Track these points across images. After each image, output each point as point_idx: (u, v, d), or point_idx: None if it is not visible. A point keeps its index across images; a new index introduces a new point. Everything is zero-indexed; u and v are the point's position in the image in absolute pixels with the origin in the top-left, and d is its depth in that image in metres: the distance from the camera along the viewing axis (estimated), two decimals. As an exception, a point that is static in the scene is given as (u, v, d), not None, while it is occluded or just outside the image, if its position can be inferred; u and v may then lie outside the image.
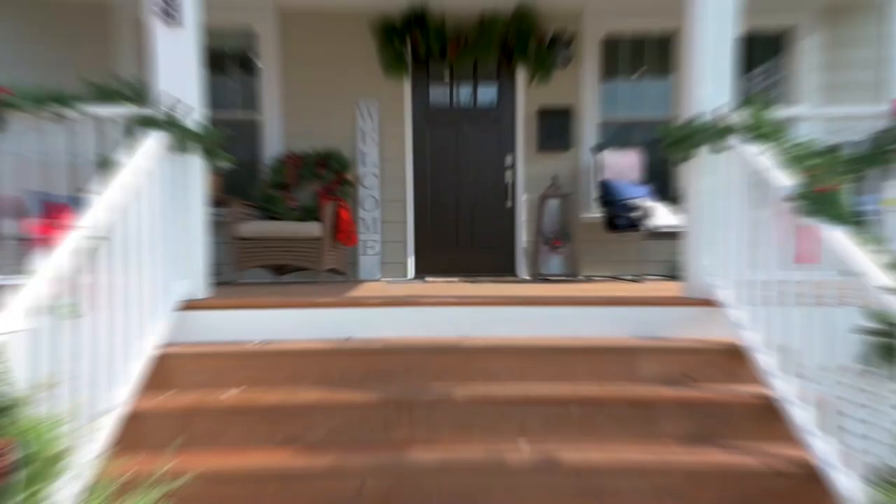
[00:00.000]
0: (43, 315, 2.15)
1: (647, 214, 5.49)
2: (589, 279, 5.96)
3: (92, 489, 2.13)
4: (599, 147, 6.23)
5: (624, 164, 6.00)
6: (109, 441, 2.54)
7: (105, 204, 2.67)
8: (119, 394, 2.70)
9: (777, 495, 2.61)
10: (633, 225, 5.61)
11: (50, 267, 2.25)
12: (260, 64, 6.26)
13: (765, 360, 3.02)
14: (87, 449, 2.34)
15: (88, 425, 2.37)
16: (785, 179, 2.88)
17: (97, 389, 2.52)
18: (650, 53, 6.50)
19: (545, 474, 2.71)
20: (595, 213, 6.19)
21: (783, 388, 2.85)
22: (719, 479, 2.67)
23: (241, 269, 5.44)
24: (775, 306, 2.96)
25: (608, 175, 5.99)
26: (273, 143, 6.18)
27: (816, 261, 2.71)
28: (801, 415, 2.69)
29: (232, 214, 5.46)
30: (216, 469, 2.62)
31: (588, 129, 6.37)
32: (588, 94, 6.36)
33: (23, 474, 1.52)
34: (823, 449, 2.53)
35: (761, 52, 6.44)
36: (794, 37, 6.29)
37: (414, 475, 2.72)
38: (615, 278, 6.01)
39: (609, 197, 5.85)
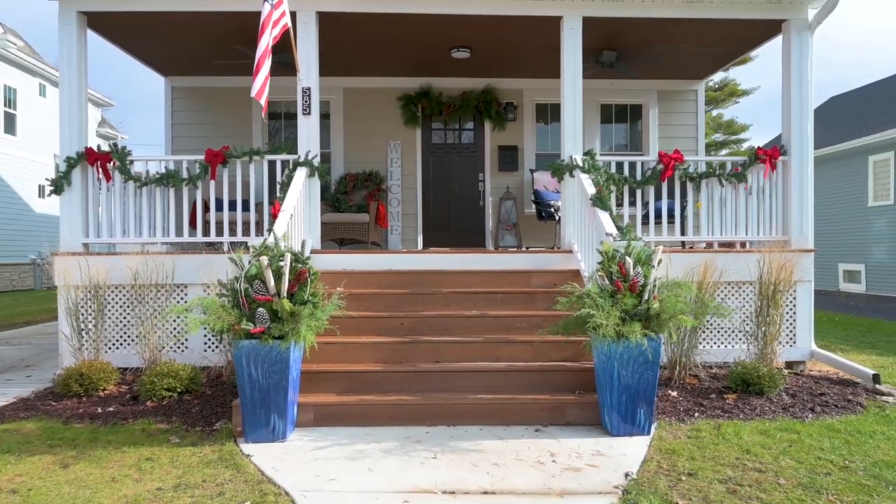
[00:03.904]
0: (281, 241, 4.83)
1: (559, 210, 8.17)
2: (528, 249, 8.65)
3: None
4: (534, 170, 8.95)
5: (547, 180, 8.68)
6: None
7: (289, 200, 5.37)
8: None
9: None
10: (552, 216, 8.29)
11: (278, 224, 4.95)
12: (330, 118, 8.97)
13: (586, 276, 5.72)
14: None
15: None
16: (591, 189, 5.58)
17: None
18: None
19: (482, 319, 5.41)
20: (531, 209, 8.89)
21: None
22: (558, 319, 5.36)
23: (322, 241, 8.12)
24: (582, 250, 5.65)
25: (538, 186, 8.68)
26: (338, 167, 8.90)
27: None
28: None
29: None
30: (342, 315, 5.30)
31: (528, 158, 9.10)
32: (528, 137, 9.10)
33: (311, 279, 4.20)
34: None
35: (629, 115, 9.19)
36: (645, 108, 9.05)
37: (425, 319, 5.41)
38: (547, 247, 8.69)
39: (538, 200, 8.54)
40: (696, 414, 4.70)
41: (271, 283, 4.09)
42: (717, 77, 27.57)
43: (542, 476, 3.53)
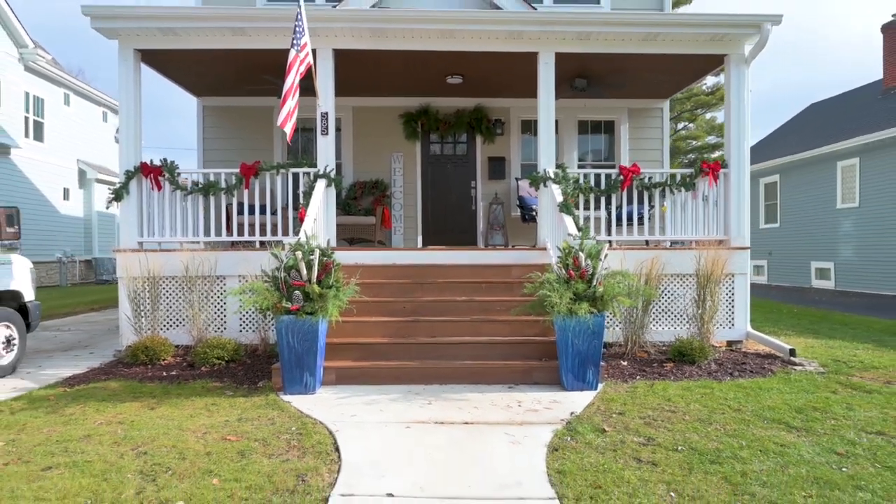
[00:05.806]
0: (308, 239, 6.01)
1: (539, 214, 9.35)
2: (513, 247, 9.84)
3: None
4: (519, 178, 10.14)
5: (530, 188, 9.87)
6: (318, 288, 6.42)
7: (312, 207, 6.56)
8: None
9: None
10: (533, 219, 9.46)
11: (307, 226, 6.14)
12: (341, 133, 10.17)
13: (555, 268, 6.90)
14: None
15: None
16: (560, 198, 6.77)
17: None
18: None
19: (468, 303, 6.60)
20: (517, 212, 10.08)
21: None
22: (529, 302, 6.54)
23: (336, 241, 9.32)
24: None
25: (523, 193, 9.87)
26: (349, 175, 10.10)
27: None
28: (559, 282, 6.59)
29: (329, 212, 9.32)
30: (357, 298, 6.48)
31: (514, 167, 10.30)
32: (514, 149, 10.30)
33: (334, 269, 5.39)
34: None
35: (604, 129, 10.39)
36: (617, 123, 10.25)
37: (423, 304, 6.61)
38: (530, 245, 9.87)
39: (522, 204, 9.73)
40: (638, 377, 5.89)
41: (304, 271, 5.29)
42: (710, 81, 28.72)
43: (509, 414, 4.72)
